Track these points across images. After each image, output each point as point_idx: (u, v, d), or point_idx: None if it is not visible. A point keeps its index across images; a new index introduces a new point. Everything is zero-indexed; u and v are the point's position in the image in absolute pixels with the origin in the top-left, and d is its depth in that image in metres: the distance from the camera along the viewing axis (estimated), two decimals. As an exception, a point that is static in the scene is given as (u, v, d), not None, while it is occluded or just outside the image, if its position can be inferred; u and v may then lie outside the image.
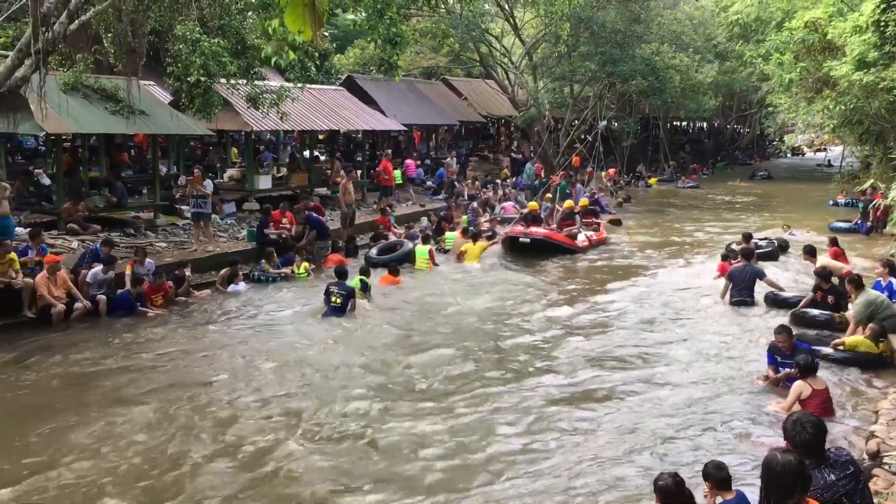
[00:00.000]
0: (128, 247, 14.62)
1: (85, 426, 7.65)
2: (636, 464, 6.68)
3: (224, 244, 16.05)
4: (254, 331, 11.35)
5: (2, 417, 8.05)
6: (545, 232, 17.58)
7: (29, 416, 8.03)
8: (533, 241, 16.86)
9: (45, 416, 7.95)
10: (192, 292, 13.05)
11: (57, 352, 10.17)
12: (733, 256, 14.17)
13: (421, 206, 22.90)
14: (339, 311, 11.79)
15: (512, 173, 30.45)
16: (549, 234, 17.52)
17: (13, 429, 7.68)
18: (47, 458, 6.93)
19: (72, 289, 11.68)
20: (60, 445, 7.22)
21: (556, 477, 6.59)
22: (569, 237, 17.87)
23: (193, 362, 9.87)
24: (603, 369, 9.45)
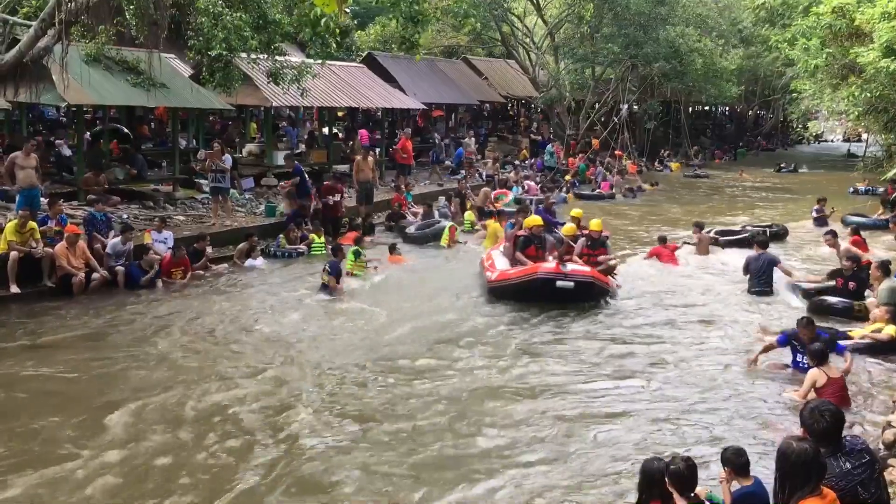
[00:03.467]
0: (146, 219, 14.71)
1: (96, 390, 7.77)
2: (650, 450, 6.66)
3: (242, 219, 16.11)
4: (264, 305, 11.42)
5: (25, 380, 8.16)
6: (589, 270, 11.60)
7: (53, 378, 8.16)
8: (578, 284, 11.12)
9: (65, 381, 8.08)
10: (210, 266, 13.13)
11: (75, 319, 10.33)
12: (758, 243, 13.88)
13: (439, 186, 22.85)
14: (326, 287, 11.89)
15: (531, 155, 30.31)
16: (594, 273, 11.55)
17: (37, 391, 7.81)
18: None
19: (91, 259, 11.77)
20: (76, 407, 7.33)
21: (563, 462, 6.60)
22: (606, 273, 12.20)
23: (196, 335, 9.96)
24: (613, 356, 9.41)
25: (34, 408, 7.46)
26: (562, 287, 10.99)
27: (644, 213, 22.55)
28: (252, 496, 5.90)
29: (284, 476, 6.20)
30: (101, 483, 5.99)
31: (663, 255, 14.71)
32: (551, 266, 11.25)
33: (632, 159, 31.48)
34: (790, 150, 49.43)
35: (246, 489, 5.98)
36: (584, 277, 11.19)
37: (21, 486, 5.92)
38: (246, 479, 6.12)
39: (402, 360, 9.02)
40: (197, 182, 17.97)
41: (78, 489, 5.91)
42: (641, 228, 19.36)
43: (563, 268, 11.16)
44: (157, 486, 6.01)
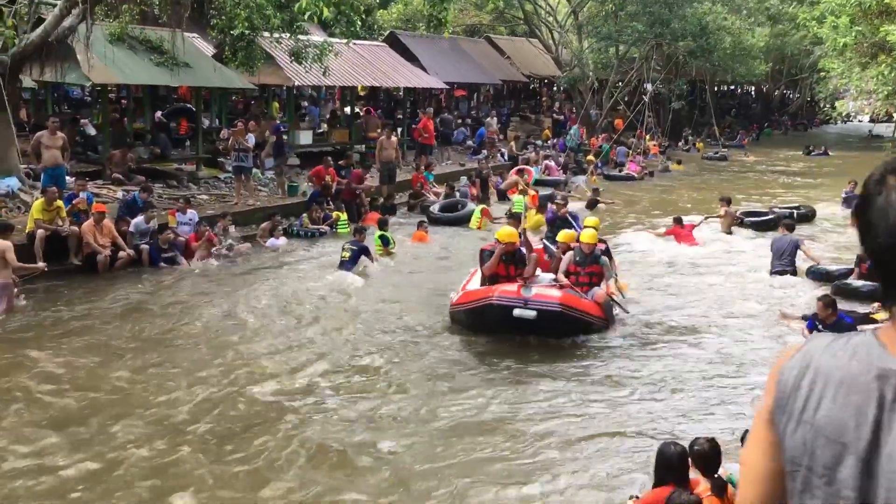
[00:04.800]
0: (170, 198, 14.82)
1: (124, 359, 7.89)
2: (669, 431, 6.65)
3: (264, 198, 16.18)
4: (284, 284, 11.49)
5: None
6: (560, 295, 8.77)
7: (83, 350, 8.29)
8: (542, 314, 8.52)
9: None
10: (233, 245, 13.22)
11: (100, 296, 10.48)
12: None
13: (460, 165, 22.80)
14: (347, 264, 11.91)
15: (553, 134, 30.12)
16: (569, 299, 8.81)
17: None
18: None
19: (116, 238, 11.90)
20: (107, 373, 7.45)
21: (583, 439, 6.62)
22: (599, 303, 9.24)
23: (216, 311, 10.07)
24: (636, 336, 9.39)
25: (59, 380, 7.60)
26: (520, 317, 8.41)
27: (668, 193, 22.39)
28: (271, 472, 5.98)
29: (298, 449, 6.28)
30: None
31: (680, 236, 14.62)
32: (511, 289, 8.71)
33: (655, 140, 31.18)
34: (816, 131, 48.62)
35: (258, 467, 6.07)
36: (551, 305, 8.45)
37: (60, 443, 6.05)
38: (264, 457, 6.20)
39: (421, 341, 9.07)
40: (220, 161, 18.06)
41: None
42: (666, 208, 19.20)
43: (526, 291, 8.59)
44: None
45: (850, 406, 1.32)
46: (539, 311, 8.41)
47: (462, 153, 25.12)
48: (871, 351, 1.34)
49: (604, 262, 9.56)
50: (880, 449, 1.27)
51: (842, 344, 1.39)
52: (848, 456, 1.31)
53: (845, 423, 1.32)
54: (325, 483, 5.85)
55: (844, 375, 1.34)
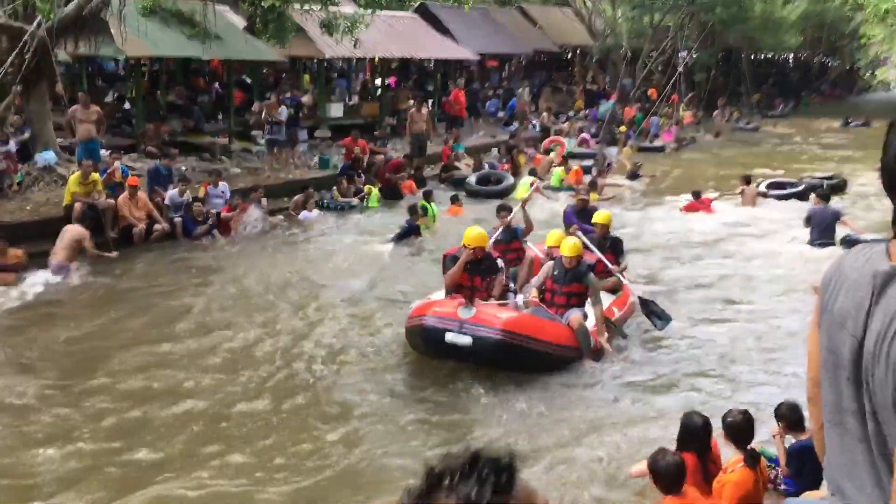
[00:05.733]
0: (203, 171, 14.94)
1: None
2: (701, 403, 6.61)
3: (296, 171, 16.24)
4: (315, 255, 11.59)
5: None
6: (508, 319, 7.11)
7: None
8: (479, 342, 6.94)
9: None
10: (266, 217, 13.31)
11: (137, 268, 10.70)
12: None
13: (492, 137, 22.66)
14: (396, 237, 12.06)
15: (586, 105, 29.76)
16: (521, 324, 7.11)
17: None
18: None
19: (151, 210, 12.05)
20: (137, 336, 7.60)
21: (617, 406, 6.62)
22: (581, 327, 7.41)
23: (248, 282, 10.20)
24: (674, 303, 9.32)
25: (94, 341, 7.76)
26: (452, 343, 6.92)
27: (698, 165, 22.05)
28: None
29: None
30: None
31: (698, 210, 14.53)
32: (447, 308, 7.18)
33: (690, 109, 30.69)
34: (856, 100, 47.45)
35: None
36: (490, 331, 6.85)
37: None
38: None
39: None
40: (252, 135, 18.14)
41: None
42: (694, 182, 18.90)
43: (464, 312, 6.99)
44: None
45: (855, 299, 1.69)
46: (476, 339, 6.78)
47: (493, 125, 24.96)
48: (878, 257, 1.70)
49: (590, 281, 7.50)
50: (867, 331, 1.65)
51: (863, 251, 1.76)
52: (848, 338, 1.69)
53: (849, 312, 1.70)
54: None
55: (856, 276, 1.72)
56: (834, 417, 1.78)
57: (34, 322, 8.67)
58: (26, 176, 12.84)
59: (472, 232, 7.82)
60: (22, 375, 7.20)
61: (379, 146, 17.95)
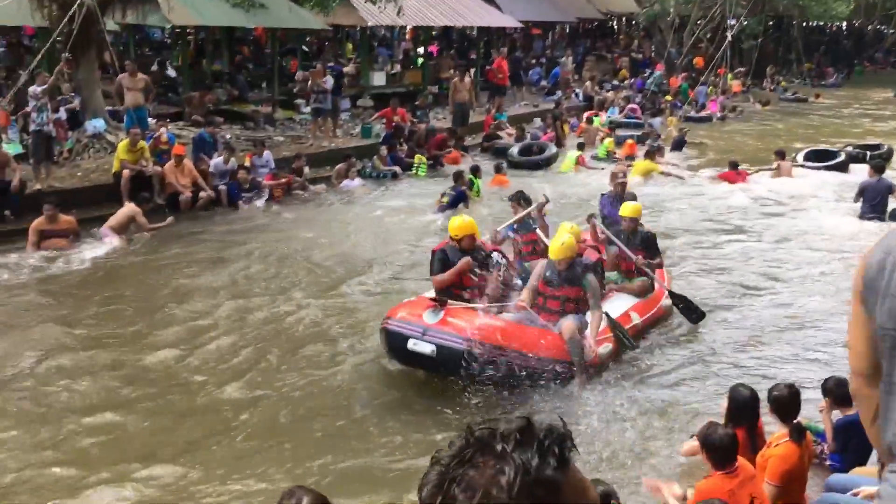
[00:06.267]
0: (247, 139, 15.07)
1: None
2: (745, 377, 6.55)
3: (338, 140, 16.30)
4: (358, 227, 11.59)
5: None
6: (480, 327, 6.29)
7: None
8: (443, 351, 6.23)
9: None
10: (309, 186, 13.41)
11: (182, 235, 10.90)
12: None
13: (534, 107, 22.44)
14: (444, 207, 11.97)
15: (631, 74, 29.27)
16: (494, 334, 6.26)
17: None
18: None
19: (197, 177, 12.21)
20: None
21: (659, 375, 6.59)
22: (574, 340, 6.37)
23: (288, 249, 10.34)
24: (718, 281, 9.21)
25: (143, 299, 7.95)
26: (413, 351, 6.28)
27: (750, 134, 21.61)
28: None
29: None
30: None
31: (734, 181, 14.27)
32: (413, 312, 6.51)
33: (738, 79, 29.99)
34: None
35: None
36: (454, 340, 6.12)
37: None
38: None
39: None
40: (296, 103, 18.21)
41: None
42: (746, 150, 18.55)
43: (430, 316, 6.32)
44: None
45: None
46: (439, 347, 6.08)
47: (536, 94, 24.69)
48: None
49: (588, 284, 6.48)
50: None
51: None
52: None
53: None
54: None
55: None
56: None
57: (82, 286, 8.88)
58: (76, 143, 13.11)
59: (458, 221, 6.94)
60: (66, 337, 7.41)
61: (420, 116, 17.88)
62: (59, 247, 9.74)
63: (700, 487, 4.11)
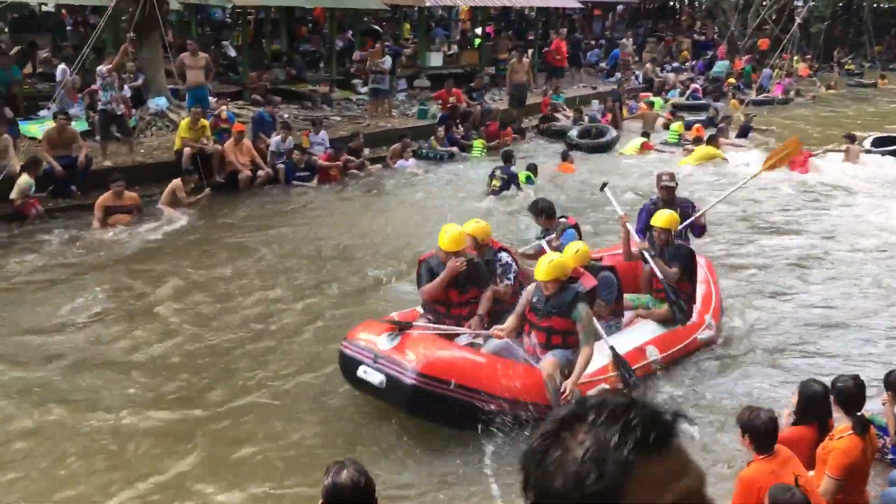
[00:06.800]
0: (305, 119, 15.21)
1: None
2: (810, 372, 6.39)
3: (394, 120, 16.33)
4: (410, 208, 11.63)
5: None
6: (432, 360, 5.43)
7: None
8: (392, 383, 5.42)
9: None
10: (366, 165, 13.48)
11: (240, 212, 11.10)
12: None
13: (592, 89, 22.13)
14: (497, 193, 11.90)
15: (692, 56, 28.64)
16: (448, 367, 5.44)
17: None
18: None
19: (256, 156, 12.38)
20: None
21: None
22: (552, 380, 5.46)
23: (342, 227, 10.47)
24: (770, 270, 8.99)
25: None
26: (363, 379, 5.56)
27: (813, 118, 20.96)
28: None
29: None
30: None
31: (794, 163, 13.82)
32: (370, 335, 5.71)
33: (805, 62, 29.10)
34: None
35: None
36: (406, 374, 5.32)
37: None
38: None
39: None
40: (352, 83, 18.29)
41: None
42: (809, 135, 17.98)
43: (385, 342, 5.55)
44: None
45: None
46: (389, 379, 5.37)
47: (595, 76, 24.35)
48: None
49: (578, 315, 5.44)
50: None
51: None
52: None
53: None
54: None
55: None
56: None
57: (146, 259, 9.12)
58: (139, 121, 13.39)
59: (448, 233, 5.93)
60: (134, 309, 7.62)
61: (476, 97, 17.80)
62: (123, 223, 9.99)
63: (743, 476, 4.04)
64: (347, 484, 2.69)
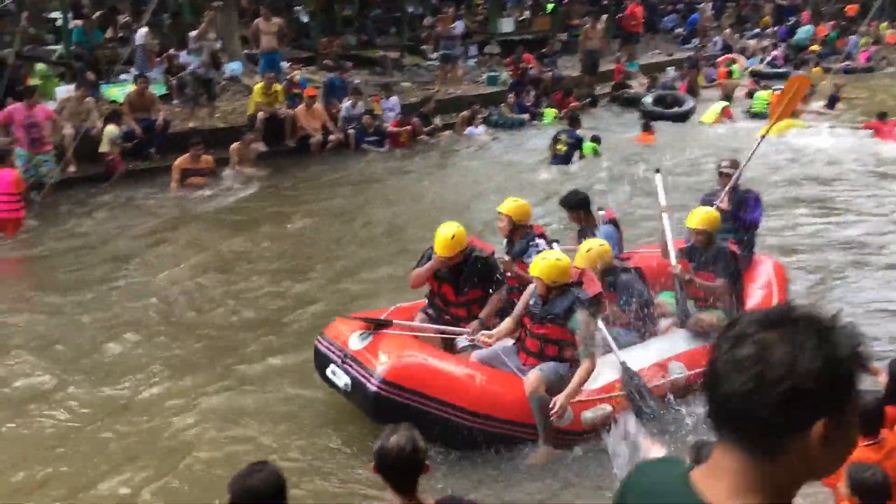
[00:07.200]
0: (375, 85, 15.23)
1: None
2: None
3: (465, 86, 16.23)
4: (474, 175, 11.55)
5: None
6: (398, 366, 4.79)
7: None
8: (357, 387, 4.85)
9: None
10: (436, 132, 13.46)
11: (310, 176, 11.26)
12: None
13: (668, 55, 21.55)
14: (564, 159, 11.60)
15: (774, 22, 27.55)
16: (416, 374, 4.81)
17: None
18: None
19: (327, 121, 12.49)
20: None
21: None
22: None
23: (408, 191, 10.57)
24: (842, 244, 8.61)
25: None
26: (331, 380, 5.08)
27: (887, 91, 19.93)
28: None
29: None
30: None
31: (881, 132, 13.21)
32: (343, 331, 5.18)
33: (893, 28, 27.70)
34: None
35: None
36: (370, 379, 4.74)
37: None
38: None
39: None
40: (422, 49, 18.23)
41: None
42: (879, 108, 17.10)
43: (356, 341, 5.01)
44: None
45: None
46: (354, 382, 4.84)
47: (671, 42, 23.67)
48: None
49: (577, 325, 4.68)
50: None
51: None
52: None
53: None
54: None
55: None
56: None
57: (218, 220, 9.35)
58: (215, 86, 13.61)
59: (441, 234, 5.19)
60: (207, 265, 7.83)
61: (548, 63, 17.53)
62: (198, 185, 10.24)
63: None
64: (394, 449, 2.70)
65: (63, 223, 9.08)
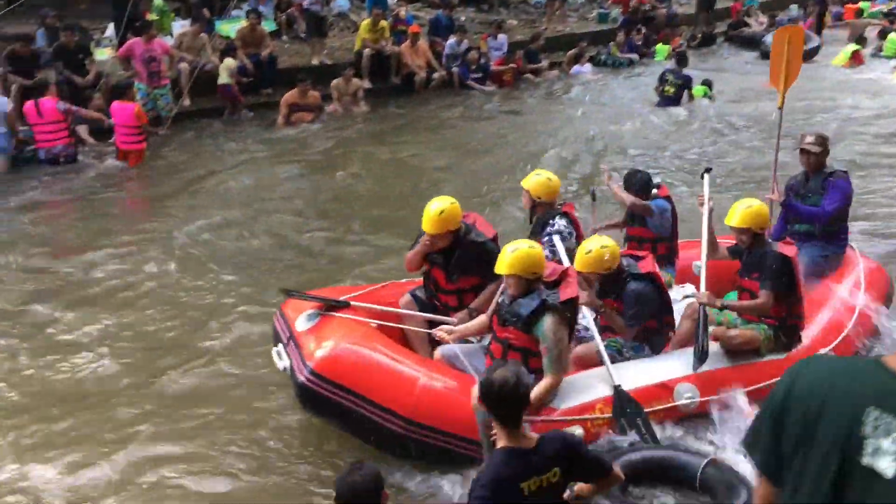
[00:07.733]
0: (482, 23, 15.01)
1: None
2: None
3: (574, 24, 15.80)
4: (575, 112, 11.33)
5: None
6: (331, 355, 4.11)
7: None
8: (303, 390, 4.09)
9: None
10: (541, 71, 13.21)
11: (412, 114, 11.30)
12: None
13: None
14: (672, 101, 11.17)
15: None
16: (347, 366, 4.07)
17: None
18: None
19: (431, 59, 12.43)
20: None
21: None
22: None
23: (506, 131, 10.38)
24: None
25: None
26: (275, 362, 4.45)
27: None
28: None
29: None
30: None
31: None
32: (296, 311, 4.54)
33: None
34: None
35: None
36: (301, 367, 4.12)
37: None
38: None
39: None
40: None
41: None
42: None
43: (303, 322, 4.43)
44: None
45: None
46: (291, 368, 4.24)
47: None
48: None
49: (542, 332, 3.82)
50: None
51: None
52: None
53: None
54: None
55: None
56: None
57: (324, 156, 9.50)
58: (325, 22, 13.72)
59: (430, 209, 4.48)
60: (306, 201, 8.01)
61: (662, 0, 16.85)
62: (305, 120, 10.43)
63: None
64: (498, 380, 2.72)
65: (174, 157, 9.33)
